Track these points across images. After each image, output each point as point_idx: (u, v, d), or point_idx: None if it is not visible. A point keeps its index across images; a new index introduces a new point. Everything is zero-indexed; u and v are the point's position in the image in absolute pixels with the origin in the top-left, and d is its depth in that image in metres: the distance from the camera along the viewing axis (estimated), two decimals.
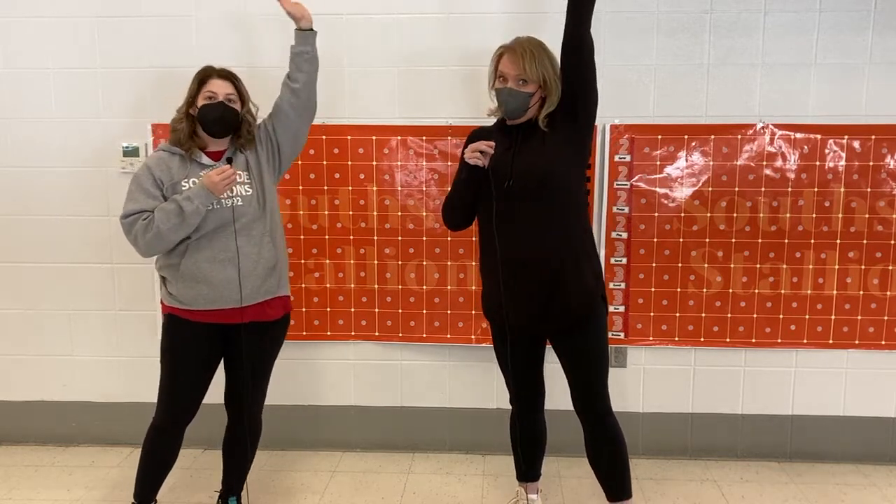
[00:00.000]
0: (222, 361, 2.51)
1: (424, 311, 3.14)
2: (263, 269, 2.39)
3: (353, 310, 3.16)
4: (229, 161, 2.36)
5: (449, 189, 2.50)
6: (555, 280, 2.24)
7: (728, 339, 3.09)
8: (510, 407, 2.57)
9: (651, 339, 3.10)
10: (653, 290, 3.06)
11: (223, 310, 2.36)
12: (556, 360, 2.40)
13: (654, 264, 3.05)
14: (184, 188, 2.32)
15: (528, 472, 2.60)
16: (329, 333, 3.19)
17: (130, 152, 3.07)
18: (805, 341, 3.08)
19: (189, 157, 2.36)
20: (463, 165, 2.32)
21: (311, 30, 2.51)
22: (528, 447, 2.56)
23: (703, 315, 3.08)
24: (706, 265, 3.05)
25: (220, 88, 2.36)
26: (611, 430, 2.35)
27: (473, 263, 3.09)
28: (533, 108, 2.25)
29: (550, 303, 2.26)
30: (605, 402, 2.34)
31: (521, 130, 2.28)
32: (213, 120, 2.34)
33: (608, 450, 2.37)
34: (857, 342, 3.07)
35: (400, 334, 3.17)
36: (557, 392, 2.57)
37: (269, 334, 2.49)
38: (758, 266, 3.04)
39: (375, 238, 3.10)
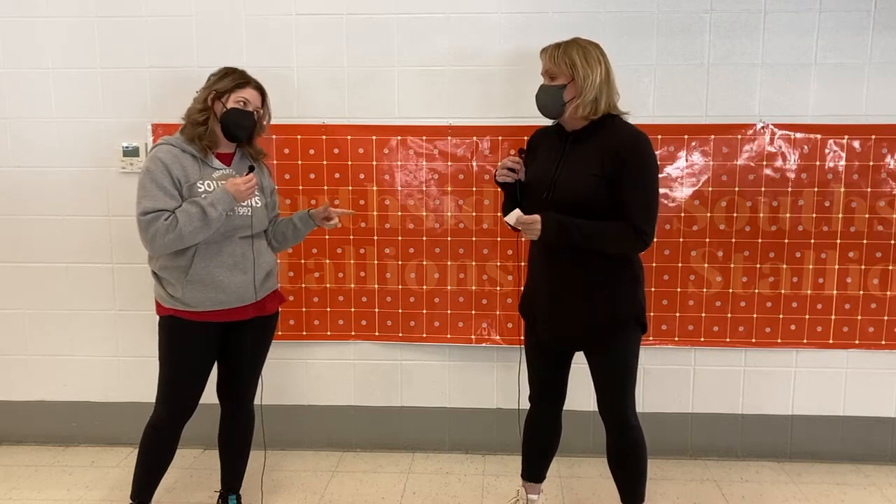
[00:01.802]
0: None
1: (424, 311, 3.14)
2: (265, 272, 2.44)
3: (353, 310, 3.16)
4: (251, 170, 2.36)
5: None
6: (587, 301, 2.23)
7: (728, 339, 3.09)
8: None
9: (651, 339, 3.10)
10: (653, 289, 3.06)
11: (229, 309, 2.38)
12: (577, 361, 2.40)
13: (654, 264, 3.05)
14: (199, 189, 2.31)
15: (533, 472, 2.60)
16: (329, 333, 3.19)
17: (130, 152, 3.07)
18: (805, 341, 3.08)
19: (202, 158, 2.35)
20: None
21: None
22: (538, 448, 2.55)
23: (703, 315, 3.08)
24: (706, 265, 3.05)
25: (253, 99, 2.37)
26: (630, 437, 2.35)
27: (473, 263, 3.09)
28: (572, 104, 2.19)
29: (577, 323, 2.26)
30: (627, 410, 2.33)
31: (572, 137, 2.25)
32: (242, 127, 2.35)
33: (624, 456, 2.38)
34: (857, 342, 3.07)
35: (400, 334, 3.17)
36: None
37: (268, 327, 2.55)
38: (758, 266, 3.04)
39: (375, 238, 3.10)
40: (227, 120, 2.33)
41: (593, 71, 2.18)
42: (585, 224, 2.15)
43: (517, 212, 2.18)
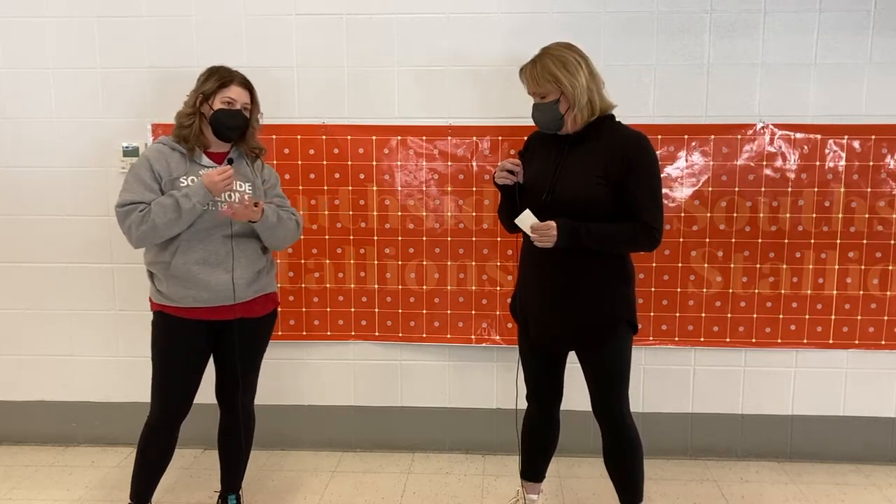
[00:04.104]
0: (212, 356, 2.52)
1: (424, 311, 3.14)
2: (252, 273, 2.41)
3: (353, 310, 3.16)
4: (230, 162, 2.36)
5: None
6: (577, 302, 2.24)
7: (728, 339, 3.09)
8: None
9: (651, 339, 3.10)
10: (653, 290, 3.06)
11: (213, 307, 2.37)
12: (573, 361, 2.40)
13: (654, 264, 3.05)
14: (182, 185, 2.31)
15: (533, 472, 2.60)
16: (329, 333, 3.19)
17: (130, 152, 3.07)
18: (805, 341, 3.08)
19: (190, 156, 2.36)
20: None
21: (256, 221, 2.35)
22: (537, 447, 2.56)
23: (703, 315, 3.08)
24: (706, 265, 3.05)
25: (239, 97, 2.35)
26: (626, 437, 2.35)
27: (473, 263, 3.09)
28: (570, 115, 2.20)
29: (567, 323, 2.27)
30: (621, 410, 2.33)
31: (571, 140, 2.25)
32: (231, 127, 2.35)
33: (621, 456, 2.38)
34: (857, 342, 3.07)
35: (400, 334, 3.17)
36: (564, 392, 2.56)
37: (258, 329, 2.51)
38: (758, 266, 3.04)
39: (375, 238, 3.10)
40: (216, 122, 2.33)
41: (578, 77, 2.17)
42: (598, 228, 2.16)
43: (531, 217, 2.18)
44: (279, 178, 2.60)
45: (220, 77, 2.36)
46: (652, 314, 3.08)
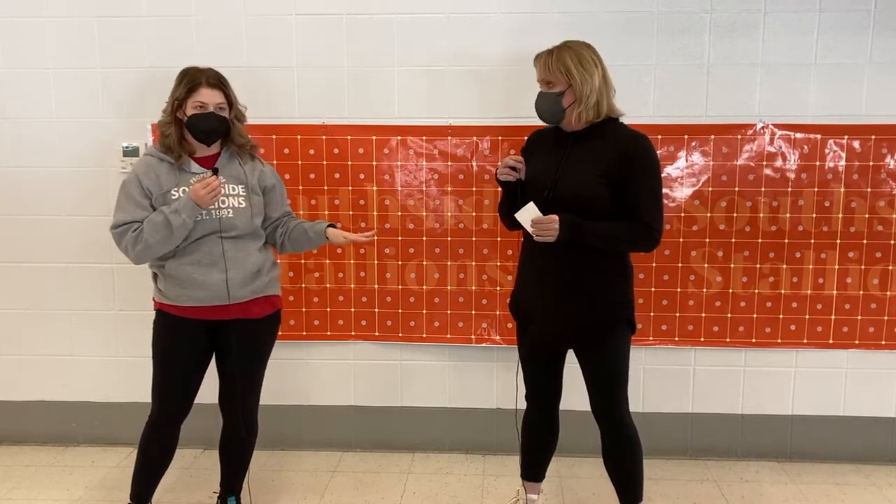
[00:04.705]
0: (214, 362, 2.51)
1: (424, 311, 3.14)
2: (247, 273, 2.39)
3: (353, 310, 3.16)
4: (215, 172, 2.33)
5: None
6: (577, 300, 2.25)
7: (728, 339, 3.09)
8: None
9: (651, 339, 3.10)
10: (653, 290, 3.06)
11: (209, 306, 2.36)
12: (573, 361, 2.40)
13: (654, 264, 3.05)
14: (173, 197, 2.30)
15: (533, 471, 2.60)
16: (329, 333, 3.19)
17: (130, 152, 3.07)
18: (805, 341, 3.08)
19: (178, 166, 2.34)
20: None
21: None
22: (536, 447, 2.56)
23: (703, 315, 3.08)
24: (706, 265, 3.05)
25: (210, 98, 2.31)
26: (624, 437, 2.35)
27: (473, 263, 3.09)
28: (573, 110, 2.21)
29: (568, 322, 2.28)
30: (620, 410, 2.34)
31: (573, 138, 2.25)
32: (205, 131, 2.32)
33: (620, 455, 2.38)
34: (857, 342, 3.07)
35: (400, 334, 3.17)
36: (564, 392, 2.56)
37: (257, 331, 2.48)
38: (758, 266, 3.04)
39: (375, 238, 3.10)
40: (191, 128, 2.32)
41: (592, 76, 2.19)
42: (599, 225, 2.17)
43: (533, 211, 2.18)
44: (285, 187, 2.58)
45: (189, 81, 2.32)
46: (652, 314, 3.08)
